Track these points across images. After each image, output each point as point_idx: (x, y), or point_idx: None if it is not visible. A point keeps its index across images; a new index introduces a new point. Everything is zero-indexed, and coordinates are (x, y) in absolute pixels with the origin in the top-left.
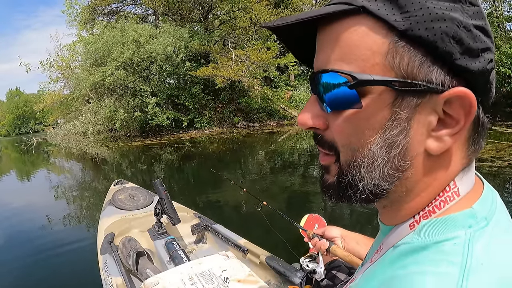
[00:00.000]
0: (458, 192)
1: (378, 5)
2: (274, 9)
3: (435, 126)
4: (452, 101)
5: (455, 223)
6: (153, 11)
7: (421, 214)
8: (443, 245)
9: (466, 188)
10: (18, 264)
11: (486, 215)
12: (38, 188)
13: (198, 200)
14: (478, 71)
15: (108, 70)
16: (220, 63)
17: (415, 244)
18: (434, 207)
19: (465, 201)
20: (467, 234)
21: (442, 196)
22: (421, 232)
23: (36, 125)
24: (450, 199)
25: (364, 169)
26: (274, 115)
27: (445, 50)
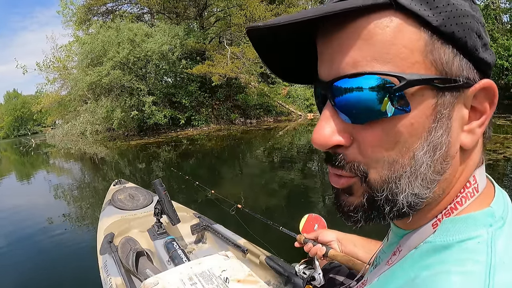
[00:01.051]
0: (477, 188)
1: (408, 0)
2: (268, 5)
3: (467, 120)
4: (479, 93)
5: (477, 222)
6: (149, 10)
7: (443, 212)
8: (467, 243)
9: (483, 185)
10: (18, 264)
11: (502, 214)
12: (37, 189)
13: (195, 196)
14: (492, 63)
15: (104, 70)
16: (216, 60)
17: (437, 243)
18: (456, 203)
19: (482, 199)
20: (489, 233)
21: (464, 192)
22: (443, 231)
23: (34, 126)
24: (471, 195)
25: (405, 179)
26: (271, 111)
27: (472, 44)
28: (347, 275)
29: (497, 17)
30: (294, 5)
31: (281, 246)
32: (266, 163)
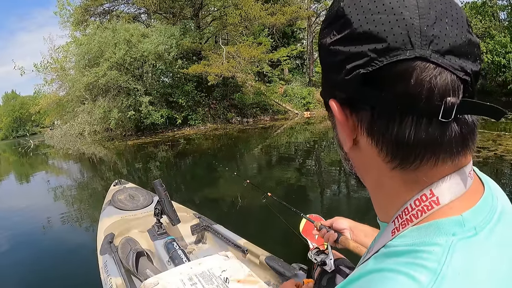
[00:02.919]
0: (437, 201)
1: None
2: (264, 5)
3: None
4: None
5: (439, 230)
6: (145, 10)
7: (400, 222)
8: (422, 250)
9: (450, 196)
10: (18, 265)
11: (476, 224)
12: (37, 190)
13: (195, 197)
14: (340, 83)
15: (101, 71)
16: (211, 60)
17: (398, 248)
18: (411, 216)
19: (451, 209)
20: (448, 241)
21: (419, 206)
22: (406, 236)
23: (33, 127)
24: (428, 208)
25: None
26: (268, 110)
27: (324, 70)
28: (347, 275)
29: (494, 14)
30: (289, 4)
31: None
32: (263, 162)
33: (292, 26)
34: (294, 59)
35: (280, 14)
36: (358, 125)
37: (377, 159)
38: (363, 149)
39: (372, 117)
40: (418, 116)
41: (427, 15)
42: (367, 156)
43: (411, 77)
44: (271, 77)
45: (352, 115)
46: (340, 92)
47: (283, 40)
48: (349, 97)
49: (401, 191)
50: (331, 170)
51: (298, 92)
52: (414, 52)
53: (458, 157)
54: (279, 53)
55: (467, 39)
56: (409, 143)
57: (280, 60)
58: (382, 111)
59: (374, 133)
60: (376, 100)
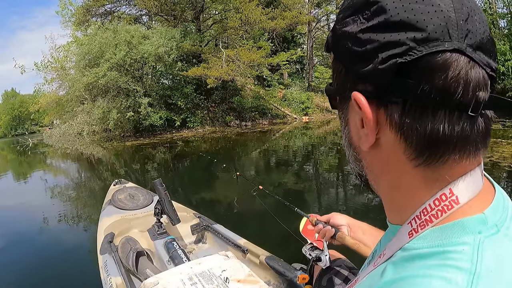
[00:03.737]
0: (457, 200)
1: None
2: (264, 9)
3: (360, 125)
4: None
5: (464, 229)
6: (147, 12)
7: (419, 223)
8: (451, 251)
9: (469, 195)
10: (18, 265)
11: (496, 222)
12: (35, 189)
13: (193, 197)
14: (369, 73)
15: (101, 71)
16: (211, 63)
17: (421, 250)
18: (431, 216)
19: (470, 208)
20: (476, 240)
21: (439, 205)
22: (427, 237)
23: (32, 126)
24: (448, 208)
25: (346, 154)
26: (266, 114)
27: (346, 62)
28: (347, 275)
29: (494, 22)
30: (289, 9)
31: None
32: (262, 165)
33: (293, 31)
34: (294, 63)
35: (280, 19)
36: (386, 120)
37: (401, 156)
38: (385, 146)
39: (403, 110)
40: (451, 109)
41: (461, 10)
42: (388, 153)
43: (449, 69)
44: (270, 81)
45: (379, 110)
46: (366, 84)
47: (283, 45)
48: (378, 89)
49: (420, 191)
50: (330, 174)
51: (297, 97)
52: (452, 44)
53: (478, 153)
54: (279, 58)
55: (490, 37)
56: (441, 137)
57: (279, 64)
58: (416, 104)
59: (404, 128)
60: (411, 92)
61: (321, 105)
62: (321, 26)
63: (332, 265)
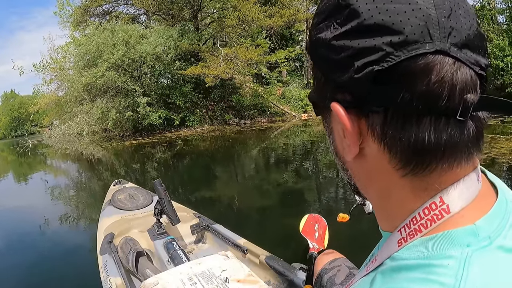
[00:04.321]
0: (447, 209)
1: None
2: (262, 7)
3: (342, 134)
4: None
5: (452, 241)
6: (144, 11)
7: (408, 232)
8: (436, 264)
9: (461, 203)
10: (18, 265)
11: (491, 232)
12: (35, 190)
13: (193, 196)
14: (346, 83)
15: (99, 72)
16: (209, 61)
17: (408, 261)
18: (420, 225)
19: (462, 217)
20: (463, 253)
21: (428, 215)
22: (415, 247)
23: (31, 127)
24: (438, 217)
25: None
26: (265, 111)
27: (324, 70)
28: (347, 275)
29: (493, 17)
30: (287, 7)
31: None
32: (261, 163)
33: (291, 29)
34: (293, 61)
35: (277, 17)
36: (367, 130)
37: (386, 166)
38: (369, 156)
39: (385, 120)
40: (437, 116)
41: (442, 6)
42: (374, 164)
43: (432, 73)
44: (269, 79)
45: (360, 120)
46: (344, 93)
47: (281, 43)
48: (357, 99)
49: (408, 200)
50: (329, 171)
51: (296, 94)
52: (434, 45)
53: (472, 158)
54: (277, 55)
55: (478, 31)
56: (427, 146)
57: (278, 62)
58: (398, 112)
59: (387, 138)
60: (391, 100)
61: None
62: None
63: (332, 265)
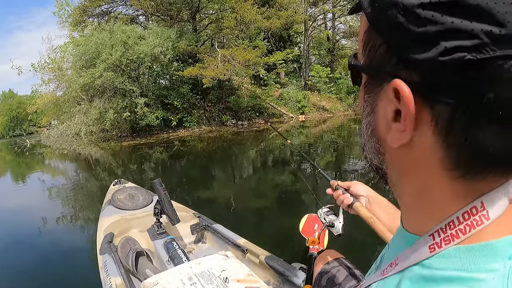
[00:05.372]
0: (487, 216)
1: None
2: (259, 8)
3: (392, 116)
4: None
5: (494, 253)
6: (143, 12)
7: (443, 237)
8: (480, 278)
9: (498, 211)
10: (18, 266)
11: None
12: (34, 190)
13: (190, 197)
14: (423, 62)
15: (97, 72)
16: (206, 63)
17: (446, 272)
18: (458, 230)
19: (499, 226)
20: (506, 266)
21: (468, 220)
22: (453, 256)
23: (30, 127)
24: (478, 223)
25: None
26: (263, 113)
27: (391, 39)
28: (347, 275)
29: None
30: (285, 9)
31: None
32: (259, 164)
33: (289, 30)
34: (291, 62)
35: (275, 18)
36: (431, 121)
37: (435, 163)
38: (420, 148)
39: (453, 114)
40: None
41: None
42: (422, 157)
43: None
44: (267, 81)
45: (423, 107)
46: (412, 73)
47: (279, 44)
48: (429, 84)
49: (447, 202)
50: (327, 172)
51: (294, 96)
52: None
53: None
54: (275, 57)
55: None
56: (490, 154)
57: (275, 63)
58: (471, 110)
59: (450, 134)
60: (471, 97)
61: (318, 104)
62: (317, 25)
63: (332, 265)
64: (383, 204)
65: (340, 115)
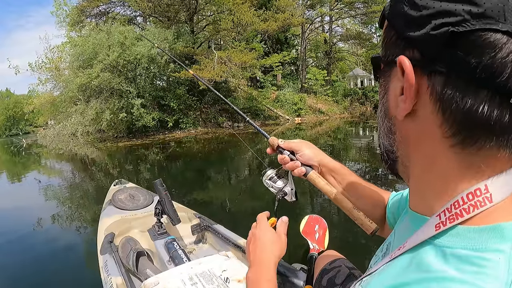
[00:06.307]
0: (490, 198)
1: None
2: (257, 11)
3: (400, 93)
4: (403, 70)
5: (502, 235)
6: (141, 13)
7: (448, 216)
8: (488, 258)
9: (502, 195)
10: (18, 266)
11: None
12: (31, 190)
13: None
14: (419, 38)
15: (94, 73)
16: (203, 64)
17: (456, 250)
18: (462, 210)
19: (504, 210)
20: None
21: (472, 200)
22: (461, 235)
23: (26, 126)
24: (481, 204)
25: (378, 128)
26: (259, 115)
27: (398, 26)
28: (347, 275)
29: None
30: (281, 11)
31: None
32: (255, 166)
33: (286, 33)
34: (288, 65)
35: (272, 21)
36: (427, 89)
37: (436, 131)
38: (422, 117)
39: (446, 81)
40: (493, 92)
41: None
42: (424, 126)
43: (498, 50)
44: (263, 83)
45: (422, 78)
46: (414, 50)
47: (276, 46)
48: (425, 57)
49: (452, 175)
50: None
51: (290, 98)
52: (507, 26)
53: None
54: (271, 59)
55: None
56: (479, 118)
57: (272, 66)
58: (460, 77)
59: (444, 100)
60: (458, 64)
61: (314, 106)
62: (315, 27)
63: (332, 265)
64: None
65: (337, 118)
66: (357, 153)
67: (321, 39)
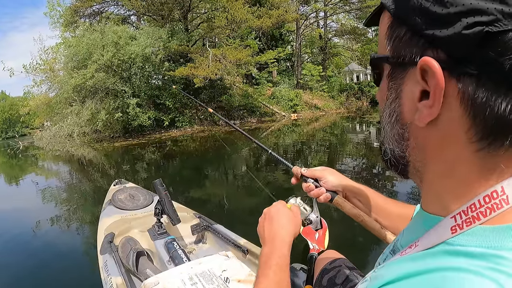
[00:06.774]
0: (507, 200)
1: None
2: (251, 8)
3: (419, 97)
4: (426, 72)
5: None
6: (134, 12)
7: (464, 219)
8: (505, 256)
9: None
10: (18, 266)
11: None
12: (30, 192)
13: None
14: (448, 38)
15: (88, 73)
16: (198, 62)
17: (469, 248)
18: (479, 213)
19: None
20: None
21: (489, 203)
22: (476, 234)
23: (23, 128)
24: (498, 206)
25: (384, 134)
26: (255, 112)
27: (414, 23)
28: (348, 275)
29: None
30: (276, 7)
31: None
32: (252, 164)
33: (281, 29)
34: (283, 61)
35: (266, 17)
36: (457, 93)
37: (461, 137)
38: (446, 123)
39: (477, 84)
40: None
41: None
42: (449, 131)
43: None
44: (259, 80)
45: (450, 81)
46: (438, 51)
47: (271, 43)
48: (454, 58)
49: (472, 180)
50: None
51: (286, 95)
52: None
53: None
54: (266, 56)
55: None
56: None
57: (267, 62)
58: (491, 79)
59: (477, 103)
60: (490, 65)
61: (310, 102)
62: (309, 23)
63: (332, 265)
64: (362, 193)
65: (333, 113)
66: (354, 147)
67: (316, 35)
